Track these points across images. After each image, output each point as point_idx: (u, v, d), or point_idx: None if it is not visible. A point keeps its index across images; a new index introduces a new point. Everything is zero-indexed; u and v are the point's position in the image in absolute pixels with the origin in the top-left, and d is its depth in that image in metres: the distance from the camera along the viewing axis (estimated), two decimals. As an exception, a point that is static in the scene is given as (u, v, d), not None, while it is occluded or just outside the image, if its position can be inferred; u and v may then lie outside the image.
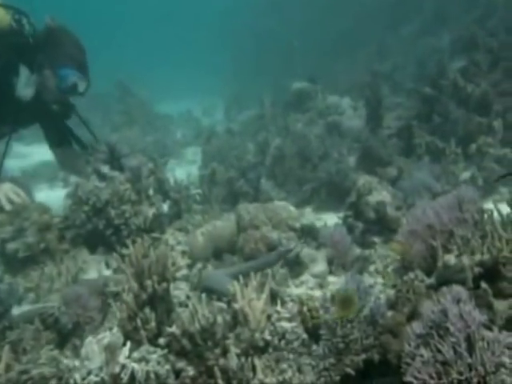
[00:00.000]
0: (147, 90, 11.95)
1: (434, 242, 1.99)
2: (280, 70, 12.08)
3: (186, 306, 2.47)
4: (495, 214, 2.14)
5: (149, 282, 1.94)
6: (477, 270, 1.78)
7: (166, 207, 4.11)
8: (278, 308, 1.96)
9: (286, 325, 1.88)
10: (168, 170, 6.64)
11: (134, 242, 2.09)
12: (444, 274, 1.89)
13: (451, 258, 1.86)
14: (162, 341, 1.78)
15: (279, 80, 10.39)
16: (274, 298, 2.69)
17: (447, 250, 2.05)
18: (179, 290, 2.58)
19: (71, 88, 2.72)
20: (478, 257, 1.80)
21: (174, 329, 1.77)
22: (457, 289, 1.61)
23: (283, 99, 8.09)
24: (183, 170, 6.83)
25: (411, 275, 2.13)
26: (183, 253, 3.24)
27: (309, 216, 4.24)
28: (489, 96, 4.21)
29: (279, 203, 3.49)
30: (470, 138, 4.25)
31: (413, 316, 1.75)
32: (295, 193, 4.71)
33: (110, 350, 1.51)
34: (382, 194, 3.14)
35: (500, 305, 1.67)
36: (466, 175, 4.11)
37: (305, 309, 2.11)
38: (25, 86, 2.71)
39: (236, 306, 1.85)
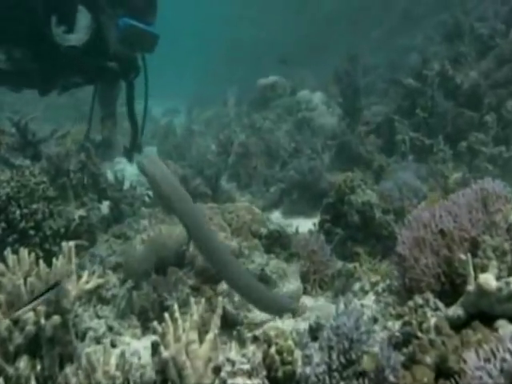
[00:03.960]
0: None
1: (462, 255, 1.37)
2: (248, 69, 11.48)
3: (113, 344, 1.78)
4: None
5: (29, 316, 1.23)
6: (534, 297, 1.18)
7: (105, 209, 3.39)
8: (232, 354, 1.28)
9: (244, 382, 1.22)
10: (118, 170, 5.87)
11: (14, 252, 1.37)
12: (478, 303, 1.28)
13: (490, 280, 1.25)
14: (33, 420, 1.06)
15: (247, 79, 9.79)
16: (232, 325, 2.05)
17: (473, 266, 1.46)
18: (99, 319, 1.87)
19: (132, 41, 2.34)
20: (535, 277, 1.19)
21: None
22: (522, 332, 0.99)
23: (249, 97, 7.50)
24: (135, 170, 6.05)
25: (419, 300, 1.52)
26: (117, 266, 2.52)
27: (277, 221, 3.61)
28: (480, 87, 3.72)
29: (241, 204, 2.84)
30: (460, 135, 3.75)
31: (443, 372, 1.12)
32: (262, 195, 4.06)
33: None
34: (367, 194, 2.53)
35: None
36: (456, 176, 3.58)
37: (273, 350, 1.45)
38: (78, 30, 2.31)
39: (165, 354, 1.17)
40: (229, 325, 2.00)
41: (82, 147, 2.90)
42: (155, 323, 1.19)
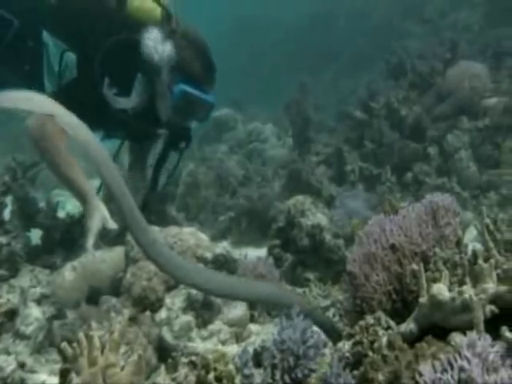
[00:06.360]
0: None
1: (415, 266, 1.29)
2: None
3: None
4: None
5: None
6: (488, 307, 1.09)
7: (35, 238, 3.10)
8: (160, 379, 1.10)
9: (172, 414, 1.03)
10: (57, 202, 5.52)
11: None
12: (432, 316, 1.18)
13: (443, 290, 1.17)
14: None
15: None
16: (170, 356, 1.84)
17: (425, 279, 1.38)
18: (7, 356, 1.60)
19: (186, 108, 2.26)
20: (489, 287, 1.12)
21: None
22: (480, 341, 0.90)
23: (201, 131, 7.44)
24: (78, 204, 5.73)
25: (370, 320, 1.41)
26: (42, 298, 2.25)
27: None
28: (423, 121, 3.85)
29: (186, 229, 2.68)
30: (406, 166, 3.82)
31: (397, 390, 1.00)
32: (210, 224, 3.91)
33: None
34: (317, 217, 2.45)
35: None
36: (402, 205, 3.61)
37: (211, 376, 1.28)
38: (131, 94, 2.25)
39: (77, 381, 0.98)
40: (167, 355, 1.80)
41: (7, 169, 2.67)
42: (64, 344, 0.99)
